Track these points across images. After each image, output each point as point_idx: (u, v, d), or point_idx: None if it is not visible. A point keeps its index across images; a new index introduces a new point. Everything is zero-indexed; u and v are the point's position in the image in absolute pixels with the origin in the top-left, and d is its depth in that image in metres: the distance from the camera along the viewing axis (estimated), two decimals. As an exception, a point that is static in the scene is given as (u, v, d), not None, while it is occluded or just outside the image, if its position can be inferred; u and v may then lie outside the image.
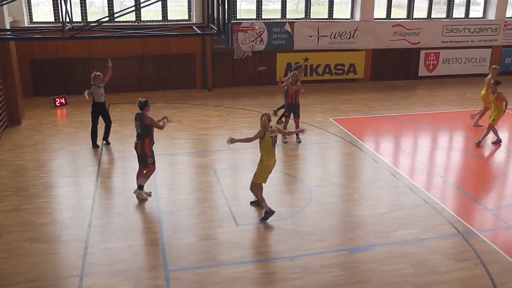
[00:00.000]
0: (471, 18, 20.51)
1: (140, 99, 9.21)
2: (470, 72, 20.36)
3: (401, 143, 13.15)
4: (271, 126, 8.50)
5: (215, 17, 9.92)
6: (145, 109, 9.08)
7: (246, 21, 17.49)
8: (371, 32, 18.74)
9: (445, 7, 20.14)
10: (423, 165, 11.63)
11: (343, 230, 8.69)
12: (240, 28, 15.58)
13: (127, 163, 11.19)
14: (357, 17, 18.74)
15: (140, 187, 9.38)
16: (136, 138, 9.24)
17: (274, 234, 8.42)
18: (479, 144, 12.84)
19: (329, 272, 7.49)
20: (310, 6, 18.36)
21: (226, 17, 9.05)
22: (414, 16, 19.64)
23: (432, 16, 19.94)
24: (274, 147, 8.64)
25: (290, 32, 17.92)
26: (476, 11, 20.85)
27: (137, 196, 9.43)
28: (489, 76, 14.32)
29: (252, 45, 17.39)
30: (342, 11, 18.96)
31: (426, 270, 7.58)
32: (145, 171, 9.34)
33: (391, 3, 19.31)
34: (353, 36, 18.58)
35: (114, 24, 15.95)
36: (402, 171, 11.12)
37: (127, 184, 10.22)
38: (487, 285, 7.30)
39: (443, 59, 19.87)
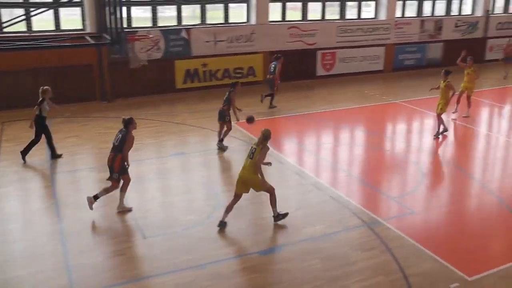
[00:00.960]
0: (363, 18, 21.63)
1: (124, 117, 9.30)
2: (367, 70, 21.46)
3: (305, 142, 13.59)
4: (257, 143, 8.74)
5: (108, 26, 9.74)
6: (129, 126, 9.22)
7: (141, 29, 17.26)
8: (267, 34, 19.21)
9: (338, 9, 21.07)
10: (327, 161, 12.10)
11: (253, 233, 8.84)
12: (135, 37, 15.37)
13: (27, 184, 10.66)
14: (253, 20, 19.13)
15: (95, 196, 9.32)
16: (111, 150, 9.27)
17: (184, 243, 8.40)
18: (437, 136, 13.69)
19: (241, 276, 7.59)
20: (206, 12, 18.49)
21: (118, 26, 8.91)
22: (308, 18, 20.38)
23: (326, 18, 20.78)
24: (249, 157, 8.76)
25: (187, 38, 17.94)
26: (368, 12, 22.02)
27: (88, 203, 9.32)
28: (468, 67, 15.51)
29: (149, 54, 17.22)
30: (238, 15, 19.27)
31: (335, 263, 7.91)
32: (109, 186, 9.30)
33: (285, 6, 19.90)
34: (250, 39, 18.94)
35: (3, 35, 15.10)
36: (307, 170, 11.50)
37: (26, 206, 9.73)
38: (394, 270, 7.75)
39: (340, 58, 20.77)
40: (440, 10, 23.70)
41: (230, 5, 19.07)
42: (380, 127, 14.92)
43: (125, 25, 16.91)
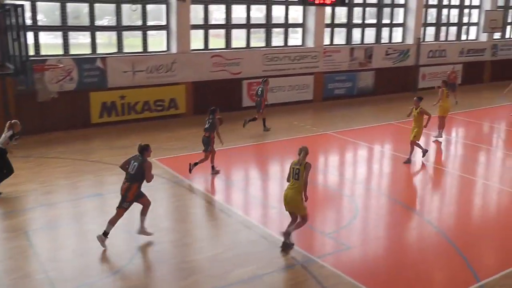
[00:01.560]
0: (290, 46, 22.28)
1: (140, 143, 9.60)
2: (296, 99, 22.01)
3: (232, 178, 13.66)
4: (297, 160, 9.38)
5: (11, 54, 9.48)
6: (145, 153, 9.50)
7: (51, 57, 16.93)
8: (189, 64, 19.36)
9: (264, 36, 21.62)
10: (256, 198, 12.20)
11: (176, 278, 8.71)
12: (44, 66, 15.05)
13: None
14: (174, 49, 19.25)
15: (105, 233, 9.52)
16: (125, 179, 9.50)
17: (101, 295, 8.15)
18: (409, 162, 14.67)
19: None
20: (123, 39, 18.41)
21: (23, 54, 8.71)
22: (232, 46, 20.76)
23: (251, 45, 21.25)
24: (293, 179, 9.35)
25: (103, 68, 17.76)
26: (295, 39, 22.73)
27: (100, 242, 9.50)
28: (441, 88, 17.19)
29: (61, 85, 16.88)
30: (157, 43, 19.34)
31: (267, 307, 7.91)
32: (114, 216, 9.56)
33: (208, 33, 20.19)
34: (171, 69, 19.01)
35: None
36: (234, 207, 11.54)
37: None
38: (328, 312, 7.85)
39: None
40: (370, 37, 24.86)
41: (149, 32, 19.12)
42: (311, 160, 15.16)
43: (32, 52, 16.65)
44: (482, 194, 13.18)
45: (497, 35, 30.07)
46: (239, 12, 20.99)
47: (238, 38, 21.03)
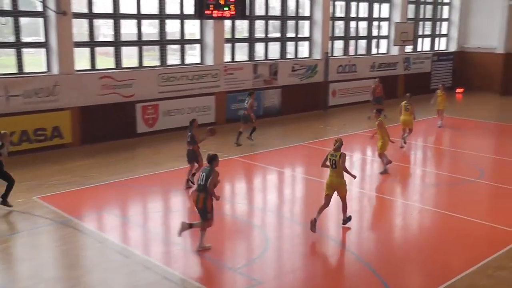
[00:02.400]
0: (188, 64, 22.33)
1: (209, 153, 10.94)
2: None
3: (128, 213, 13.36)
4: (334, 151, 11.98)
5: None
6: (213, 163, 10.66)
7: None
8: (74, 86, 18.89)
9: (159, 53, 21.54)
10: (156, 234, 11.98)
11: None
12: None
13: None
14: (55, 69, 18.72)
15: (191, 225, 10.97)
16: (197, 191, 10.73)
17: None
18: (385, 172, 16.21)
19: None
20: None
21: None
22: (124, 65, 20.51)
23: (144, 64, 21.10)
24: (333, 167, 11.95)
25: (-31, 94, 16.94)
26: (193, 56, 22.82)
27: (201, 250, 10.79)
28: (404, 102, 19.67)
29: None
30: (36, 63, 18.75)
31: None
32: (203, 225, 10.85)
33: (94, 51, 19.83)
34: (53, 93, 18.45)
35: None
36: (132, 247, 11.26)
37: None
38: None
39: (164, 111, 21.05)
40: (274, 52, 25.43)
41: (25, 50, 18.49)
42: (216, 188, 15.19)
43: None
44: (402, 214, 13.67)
45: (408, 48, 31.73)
46: (129, 28, 20.83)
47: (130, 57, 20.82)
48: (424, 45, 33.60)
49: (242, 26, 24.43)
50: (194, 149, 14.67)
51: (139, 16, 20.80)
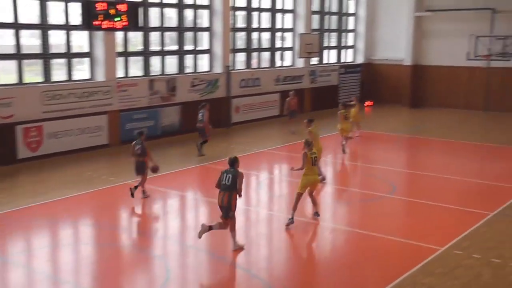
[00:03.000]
0: (76, 80, 21.64)
1: (230, 156, 12.37)
2: (87, 145, 21.28)
3: (6, 252, 12.60)
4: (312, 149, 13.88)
5: None
6: (236, 165, 12.13)
7: None
8: None
9: (41, 68, 20.72)
10: (42, 273, 11.36)
11: None
12: None
13: None
14: None
15: (210, 227, 12.12)
16: (221, 191, 12.00)
17: None
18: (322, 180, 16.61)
19: None
20: None
21: None
22: (0, 82, 19.59)
23: (25, 81, 20.22)
24: (314, 165, 13.75)
25: None
26: (82, 72, 22.15)
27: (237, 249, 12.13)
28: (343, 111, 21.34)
29: None
30: None
31: None
32: (229, 226, 12.16)
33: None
34: None
35: None
36: None
37: None
38: None
39: (49, 134, 20.22)
40: (172, 66, 25.14)
41: None
42: (111, 218, 14.71)
43: None
44: (314, 235, 13.67)
45: (314, 60, 32.34)
46: (5, 39, 19.99)
47: (7, 71, 19.91)
48: (330, 57, 34.45)
49: (136, 38, 23.98)
50: (145, 161, 15.65)
51: (17, 26, 19.89)
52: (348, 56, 36.04)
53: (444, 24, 33.41)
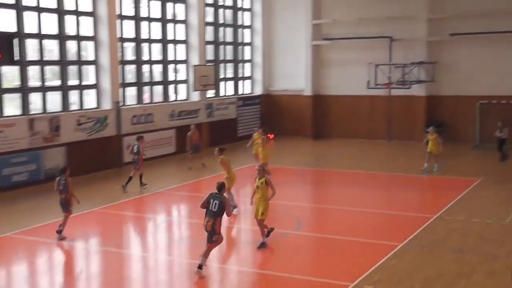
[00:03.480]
0: None
1: (218, 181, 13.54)
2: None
3: None
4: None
5: None
6: (222, 190, 13.30)
7: None
8: None
9: None
10: None
11: None
12: None
13: None
14: None
15: (200, 266, 12.88)
16: (207, 216, 13.02)
17: None
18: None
19: None
20: None
21: None
22: None
23: None
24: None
25: None
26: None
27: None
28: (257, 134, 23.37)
29: None
30: None
31: None
32: (207, 250, 13.08)
33: None
34: None
35: None
36: None
37: None
38: None
39: None
40: (55, 104, 24.27)
41: None
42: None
43: None
44: (218, 279, 13.32)
45: (210, 93, 32.27)
46: None
47: None
48: (227, 89, 34.49)
49: (11, 73, 22.98)
50: (67, 197, 16.01)
51: None
52: (246, 88, 36.29)
53: (343, 53, 34.38)
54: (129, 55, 28.37)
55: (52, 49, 24.49)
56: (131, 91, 28.19)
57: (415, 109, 32.67)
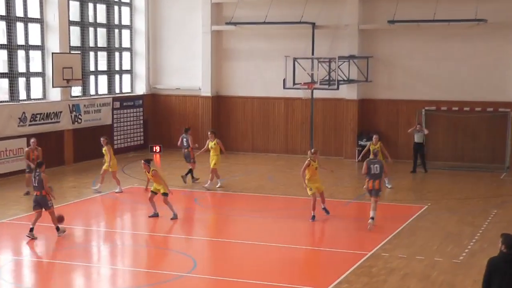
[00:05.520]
0: None
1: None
2: None
3: None
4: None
5: None
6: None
7: None
8: None
9: None
10: None
11: None
12: None
13: None
14: None
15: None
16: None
17: None
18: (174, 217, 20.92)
19: None
20: None
21: None
22: None
23: None
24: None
25: None
26: None
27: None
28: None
29: None
30: None
31: None
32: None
33: None
34: None
35: None
36: None
37: None
38: None
39: None
40: None
41: None
42: None
43: None
44: None
45: (76, 91, 31.59)
46: None
47: None
48: (99, 86, 33.83)
49: None
50: (43, 194, 18.65)
51: None
52: (124, 85, 35.89)
53: (252, 42, 34.59)
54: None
55: None
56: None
57: (344, 116, 32.95)
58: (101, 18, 33.97)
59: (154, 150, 34.15)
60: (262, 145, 34.45)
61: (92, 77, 33.48)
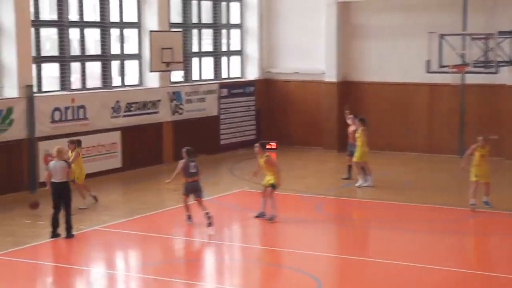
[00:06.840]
0: None
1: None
2: None
3: None
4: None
5: None
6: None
7: None
8: None
9: None
10: None
11: None
12: None
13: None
14: None
15: None
16: None
17: None
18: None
19: None
20: None
21: None
22: None
23: None
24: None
25: None
26: None
27: None
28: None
29: None
30: None
31: None
32: None
33: None
34: None
35: None
36: None
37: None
38: None
39: None
40: None
41: None
42: None
43: None
44: None
45: (177, 76, 31.91)
46: None
47: None
48: (204, 70, 34.05)
49: None
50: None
51: None
52: (233, 69, 36.05)
53: (386, 16, 33.98)
54: (46, 13, 28.00)
55: None
56: (52, 70, 28.04)
57: (505, 107, 31.90)
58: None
59: (269, 147, 34.03)
60: (399, 142, 33.88)
61: (195, 60, 33.74)
